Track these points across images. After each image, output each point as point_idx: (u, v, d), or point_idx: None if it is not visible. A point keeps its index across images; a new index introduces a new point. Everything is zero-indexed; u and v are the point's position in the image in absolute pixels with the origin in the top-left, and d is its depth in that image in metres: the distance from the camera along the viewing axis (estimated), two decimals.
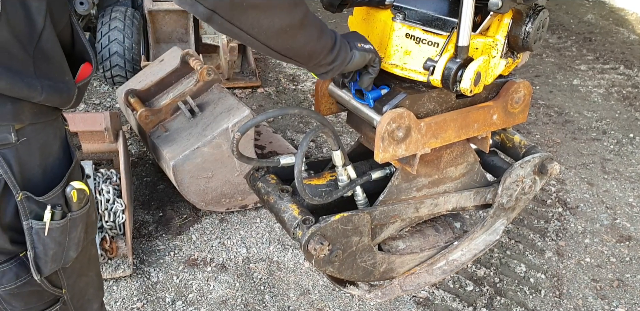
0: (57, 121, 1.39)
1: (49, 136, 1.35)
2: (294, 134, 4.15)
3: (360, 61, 1.43)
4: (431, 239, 1.89)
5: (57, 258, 1.39)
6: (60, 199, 1.35)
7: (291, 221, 1.60)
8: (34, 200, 1.30)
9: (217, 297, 2.77)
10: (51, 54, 1.27)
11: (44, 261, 1.37)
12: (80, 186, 1.37)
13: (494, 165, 1.95)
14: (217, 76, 3.23)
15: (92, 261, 1.66)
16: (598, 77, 5.51)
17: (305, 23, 1.24)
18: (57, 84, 1.29)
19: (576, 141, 4.38)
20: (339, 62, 1.37)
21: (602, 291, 2.95)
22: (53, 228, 1.33)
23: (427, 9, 1.50)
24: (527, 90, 1.71)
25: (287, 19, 1.20)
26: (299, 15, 1.21)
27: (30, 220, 1.31)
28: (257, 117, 1.48)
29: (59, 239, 1.36)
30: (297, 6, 1.21)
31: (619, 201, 3.67)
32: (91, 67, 1.41)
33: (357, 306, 2.76)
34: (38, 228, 1.32)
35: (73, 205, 1.38)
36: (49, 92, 1.26)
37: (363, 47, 1.42)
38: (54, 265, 1.40)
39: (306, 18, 1.24)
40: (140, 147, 3.84)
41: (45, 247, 1.35)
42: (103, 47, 4.32)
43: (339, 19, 6.32)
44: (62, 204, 1.35)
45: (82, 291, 1.62)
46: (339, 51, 1.36)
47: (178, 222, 3.22)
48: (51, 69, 1.28)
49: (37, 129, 1.31)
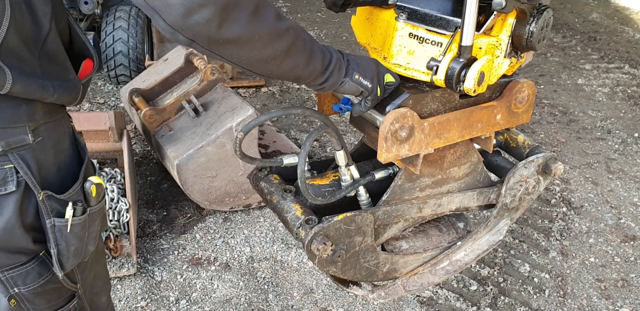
0: (65, 118, 1.42)
1: (60, 134, 1.38)
2: (298, 133, 4.15)
3: (352, 90, 1.40)
4: (434, 240, 1.89)
5: (79, 253, 1.42)
6: (80, 195, 1.38)
7: (294, 221, 1.60)
8: (55, 198, 1.32)
9: (220, 296, 2.78)
10: (55, 55, 1.29)
11: (66, 258, 1.39)
12: (98, 180, 1.41)
13: (498, 165, 1.94)
14: (221, 75, 3.24)
15: (99, 254, 1.68)
16: (603, 76, 5.49)
17: (290, 52, 1.21)
18: (65, 83, 1.31)
19: (581, 140, 4.37)
20: (329, 85, 1.35)
21: (606, 291, 2.95)
22: (75, 224, 1.36)
23: (430, 8, 1.49)
24: (531, 90, 1.71)
25: (268, 51, 1.17)
26: (282, 46, 1.18)
27: (53, 218, 1.33)
28: (260, 117, 1.48)
29: (80, 234, 1.39)
30: (282, 37, 1.17)
31: (624, 201, 3.66)
32: (93, 63, 1.42)
33: (361, 305, 2.76)
34: (61, 226, 1.34)
35: (92, 200, 1.41)
36: (60, 91, 1.28)
37: (360, 80, 1.38)
38: (75, 260, 1.43)
39: (293, 46, 1.20)
40: (145, 147, 3.84)
41: (67, 243, 1.37)
42: (107, 46, 4.33)
43: (343, 19, 6.31)
44: (82, 200, 1.38)
45: (92, 284, 1.64)
46: (329, 76, 1.33)
47: (182, 221, 3.23)
48: (56, 69, 1.29)
49: (49, 128, 1.33)
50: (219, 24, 1.06)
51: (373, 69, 1.42)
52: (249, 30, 1.10)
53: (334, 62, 1.32)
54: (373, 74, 1.41)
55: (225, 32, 1.08)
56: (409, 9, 1.51)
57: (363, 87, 1.40)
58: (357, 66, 1.38)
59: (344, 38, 5.96)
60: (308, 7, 6.79)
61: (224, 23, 1.06)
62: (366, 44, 1.66)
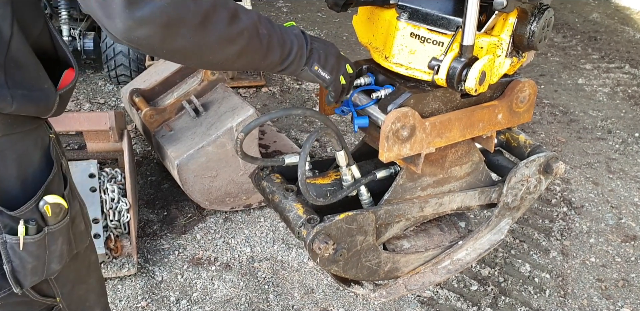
0: (38, 130, 1.33)
1: (29, 146, 1.30)
2: (298, 133, 4.15)
3: (310, 79, 1.42)
4: (436, 239, 1.89)
5: (38, 272, 1.35)
6: (35, 213, 1.29)
7: (296, 220, 1.60)
8: (6, 214, 1.25)
9: (221, 296, 2.78)
10: (24, 62, 1.21)
11: (22, 275, 1.32)
12: (55, 200, 1.31)
13: (499, 164, 1.95)
14: (222, 75, 3.24)
15: (92, 268, 1.62)
16: (603, 76, 5.49)
17: (244, 53, 1.21)
18: (33, 92, 1.23)
19: (581, 140, 4.37)
20: (287, 72, 1.37)
21: (607, 291, 2.95)
22: (28, 243, 1.28)
23: (431, 8, 1.50)
24: (532, 89, 1.71)
25: (218, 57, 1.18)
26: (234, 50, 1.18)
27: (5, 235, 1.26)
28: (260, 118, 1.48)
29: (37, 253, 1.31)
30: (233, 42, 1.17)
31: (624, 201, 3.66)
32: (74, 73, 1.35)
33: (362, 305, 2.76)
34: (12, 243, 1.27)
35: (49, 219, 1.31)
36: (22, 102, 1.20)
37: (317, 71, 1.40)
38: (35, 278, 1.35)
39: (247, 47, 1.20)
40: (145, 147, 3.84)
41: (22, 261, 1.30)
42: (108, 46, 4.33)
43: (343, 19, 6.31)
44: (36, 218, 1.29)
45: (82, 298, 1.59)
46: (288, 65, 1.34)
47: (182, 221, 3.23)
48: (25, 78, 1.21)
49: (13, 140, 1.25)
50: (161, 40, 1.05)
51: (333, 62, 1.43)
52: (195, 42, 1.10)
53: (294, 52, 1.33)
54: (333, 66, 1.43)
55: (168, 46, 1.08)
56: (411, 8, 1.51)
57: (320, 78, 1.41)
58: (319, 56, 1.39)
59: (344, 38, 5.96)
60: (308, 7, 6.79)
61: (167, 38, 1.06)
62: (367, 44, 1.66)
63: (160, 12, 1.01)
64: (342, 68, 1.46)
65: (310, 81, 1.46)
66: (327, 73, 1.42)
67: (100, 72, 4.79)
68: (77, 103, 4.36)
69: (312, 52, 1.38)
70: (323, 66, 1.40)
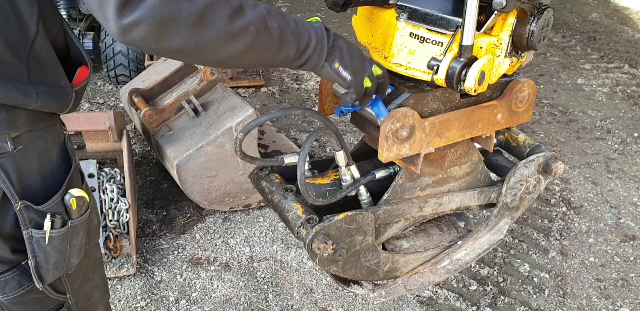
0: (55, 126, 1.37)
1: (48, 142, 1.33)
2: (298, 133, 4.15)
3: (329, 77, 1.34)
4: (435, 239, 1.89)
5: (59, 266, 1.38)
6: (60, 207, 1.33)
7: (295, 220, 1.60)
8: (33, 209, 1.28)
9: (220, 296, 2.78)
10: (45, 60, 1.24)
11: (45, 270, 1.35)
12: (79, 193, 1.35)
13: (498, 164, 1.95)
14: (221, 75, 3.24)
15: (97, 265, 1.64)
16: (602, 76, 5.49)
17: (252, 48, 1.15)
18: (53, 89, 1.26)
19: (580, 140, 4.37)
20: (309, 67, 1.29)
21: (606, 290, 2.95)
22: (54, 237, 1.32)
23: (431, 8, 1.50)
24: (532, 89, 1.71)
25: (222, 54, 1.13)
26: (239, 47, 1.13)
27: (30, 229, 1.29)
28: (259, 118, 1.48)
29: (60, 247, 1.34)
30: (237, 38, 1.11)
31: (624, 201, 3.66)
32: (88, 70, 1.38)
33: (361, 305, 2.76)
34: (38, 237, 1.30)
35: (73, 213, 1.35)
36: (45, 98, 1.23)
37: (338, 70, 1.31)
38: (56, 272, 1.38)
39: (254, 43, 1.14)
40: (144, 147, 3.84)
41: (46, 255, 1.33)
42: (107, 46, 4.32)
43: (342, 19, 6.32)
44: (61, 212, 1.33)
45: (88, 295, 1.61)
46: (308, 60, 1.26)
47: (182, 221, 3.23)
48: (46, 75, 1.25)
49: (34, 136, 1.29)
50: (156, 39, 1.04)
51: (357, 63, 1.34)
52: (193, 40, 1.07)
53: (313, 45, 1.25)
54: (357, 67, 1.34)
55: (165, 45, 1.06)
56: (410, 8, 1.51)
57: (340, 77, 1.32)
58: (342, 54, 1.31)
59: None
60: (308, 7, 6.79)
61: (162, 37, 1.04)
62: (367, 44, 1.67)
63: (153, 13, 1.00)
64: (367, 70, 1.37)
65: (330, 80, 1.37)
66: (348, 73, 1.32)
67: (99, 72, 4.78)
68: None
69: (334, 48, 1.30)
70: (345, 65, 1.31)
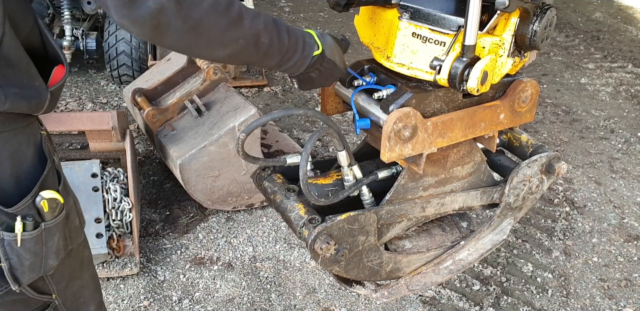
0: (30, 127, 1.34)
1: (21, 144, 1.30)
2: (301, 133, 4.15)
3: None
4: (438, 239, 1.89)
5: (35, 268, 1.35)
6: (31, 209, 1.29)
7: (297, 221, 1.60)
8: (3, 211, 1.26)
9: (223, 296, 2.78)
10: (15, 61, 1.21)
11: (20, 272, 1.33)
12: (51, 195, 1.32)
13: (501, 164, 1.94)
14: (224, 75, 3.24)
15: (86, 264, 1.62)
16: (606, 75, 5.48)
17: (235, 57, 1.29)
18: (25, 90, 1.24)
19: (584, 140, 4.36)
20: (289, 73, 1.43)
21: (609, 290, 2.94)
22: (26, 239, 1.29)
23: (433, 8, 1.49)
24: (535, 89, 1.70)
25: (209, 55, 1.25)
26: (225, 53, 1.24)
27: (2, 232, 1.27)
28: (261, 118, 1.48)
29: (34, 249, 1.32)
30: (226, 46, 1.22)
31: (627, 201, 3.65)
32: (64, 69, 1.35)
33: (364, 304, 2.76)
34: (10, 240, 1.27)
35: (46, 215, 1.32)
36: (15, 100, 1.21)
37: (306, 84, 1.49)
38: (33, 274, 1.36)
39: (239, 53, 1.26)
40: (147, 146, 3.85)
41: (20, 258, 1.30)
42: (110, 46, 4.33)
43: (345, 18, 6.31)
44: (33, 214, 1.29)
45: (76, 294, 1.59)
46: (286, 69, 1.39)
47: (185, 221, 3.23)
48: (17, 76, 1.22)
49: (6, 137, 1.26)
50: (151, 38, 1.17)
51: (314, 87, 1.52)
52: (184, 43, 1.18)
53: (293, 62, 1.37)
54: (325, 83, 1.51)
55: (158, 43, 1.20)
56: (412, 8, 1.51)
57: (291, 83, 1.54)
58: (315, 75, 1.45)
59: (347, 37, 5.96)
60: (310, 6, 6.79)
61: (157, 37, 1.15)
62: (369, 44, 1.66)
63: (150, 17, 1.07)
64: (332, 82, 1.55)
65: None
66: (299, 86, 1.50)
67: (102, 72, 4.79)
68: (80, 103, 4.37)
69: (313, 68, 1.43)
70: (312, 83, 1.49)
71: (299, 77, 1.46)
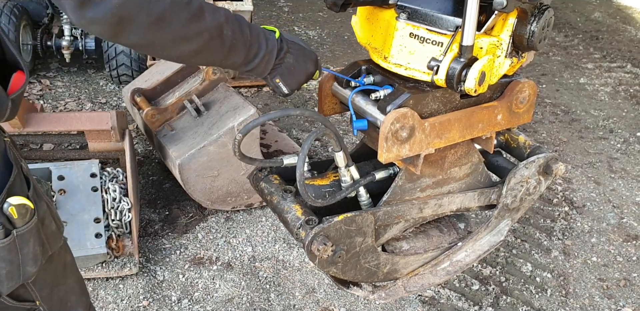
0: None
1: None
2: (300, 133, 4.15)
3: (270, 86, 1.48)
4: (435, 240, 1.89)
5: (14, 276, 1.32)
6: (0, 217, 1.25)
7: (294, 222, 1.60)
8: None
9: (222, 296, 2.78)
10: None
11: None
12: (20, 201, 1.27)
13: (499, 165, 1.94)
14: (223, 74, 3.24)
15: (69, 269, 1.59)
16: (605, 75, 5.48)
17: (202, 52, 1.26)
18: None
19: (583, 139, 4.36)
20: (255, 74, 1.42)
21: (608, 290, 2.94)
22: None
23: (431, 8, 1.49)
24: (532, 90, 1.70)
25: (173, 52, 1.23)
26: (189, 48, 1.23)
27: None
28: (258, 119, 1.48)
29: (9, 257, 1.28)
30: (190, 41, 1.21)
31: (626, 200, 3.65)
32: (24, 76, 1.30)
33: (363, 304, 2.76)
34: None
35: (16, 222, 1.28)
36: None
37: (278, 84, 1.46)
38: (12, 283, 1.33)
39: (205, 47, 1.25)
40: (147, 146, 3.85)
41: None
42: (109, 46, 4.33)
43: (344, 18, 6.31)
44: (3, 222, 1.25)
45: (63, 300, 1.56)
46: (254, 68, 1.39)
47: (184, 221, 3.23)
48: None
49: None
50: (112, 36, 1.12)
51: (298, 79, 1.49)
52: (147, 39, 1.16)
53: (260, 58, 1.38)
54: (297, 82, 1.49)
55: (121, 41, 1.15)
56: (410, 8, 1.51)
57: (279, 90, 1.49)
58: (285, 71, 1.45)
59: (346, 37, 5.96)
60: (310, 6, 6.78)
61: (119, 35, 1.12)
62: (367, 44, 1.66)
63: (112, 13, 1.06)
64: (305, 81, 1.53)
65: (270, 87, 1.52)
66: (287, 89, 1.49)
67: (101, 71, 4.79)
68: (79, 103, 4.37)
69: (281, 64, 1.43)
70: (285, 81, 1.47)
71: (279, 72, 1.45)
